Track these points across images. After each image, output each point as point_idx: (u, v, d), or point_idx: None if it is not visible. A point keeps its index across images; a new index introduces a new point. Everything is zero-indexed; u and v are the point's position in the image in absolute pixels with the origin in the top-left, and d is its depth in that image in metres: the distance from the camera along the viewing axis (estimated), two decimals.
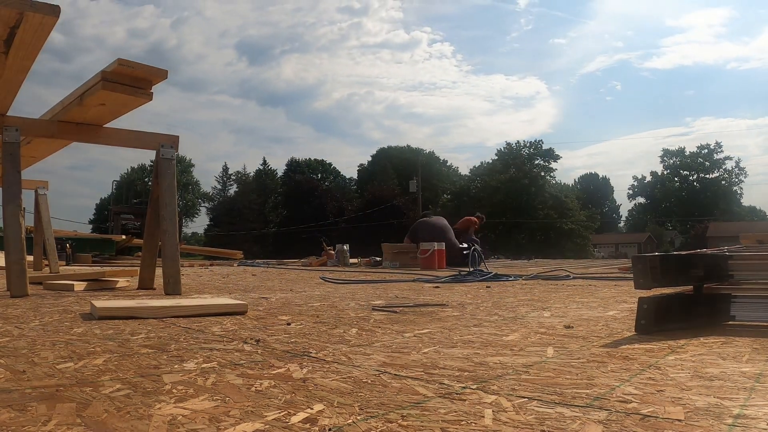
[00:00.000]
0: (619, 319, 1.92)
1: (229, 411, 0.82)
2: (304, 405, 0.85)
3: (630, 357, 1.24)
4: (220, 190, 57.47)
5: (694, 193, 65.58)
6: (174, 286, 3.08)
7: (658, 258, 1.60)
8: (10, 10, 2.19)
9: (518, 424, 0.76)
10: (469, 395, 0.91)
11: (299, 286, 3.85)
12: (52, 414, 0.79)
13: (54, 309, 2.21)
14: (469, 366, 1.15)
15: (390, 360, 1.21)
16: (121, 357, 1.23)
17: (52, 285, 3.32)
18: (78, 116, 3.11)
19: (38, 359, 1.19)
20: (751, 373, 1.07)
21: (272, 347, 1.37)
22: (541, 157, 54.02)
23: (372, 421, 0.77)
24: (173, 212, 3.20)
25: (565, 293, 3.07)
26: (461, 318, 1.97)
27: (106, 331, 1.61)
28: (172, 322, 1.84)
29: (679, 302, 1.71)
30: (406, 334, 1.58)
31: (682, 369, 1.11)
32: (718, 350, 1.31)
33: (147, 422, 0.76)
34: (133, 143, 3.34)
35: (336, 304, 2.47)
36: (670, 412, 0.81)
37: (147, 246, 3.55)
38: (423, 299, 2.73)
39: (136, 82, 2.84)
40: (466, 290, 3.37)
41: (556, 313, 2.12)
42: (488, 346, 1.39)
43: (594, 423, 0.76)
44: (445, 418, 0.79)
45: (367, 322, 1.87)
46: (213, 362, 1.18)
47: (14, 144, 2.88)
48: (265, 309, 2.28)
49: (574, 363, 1.18)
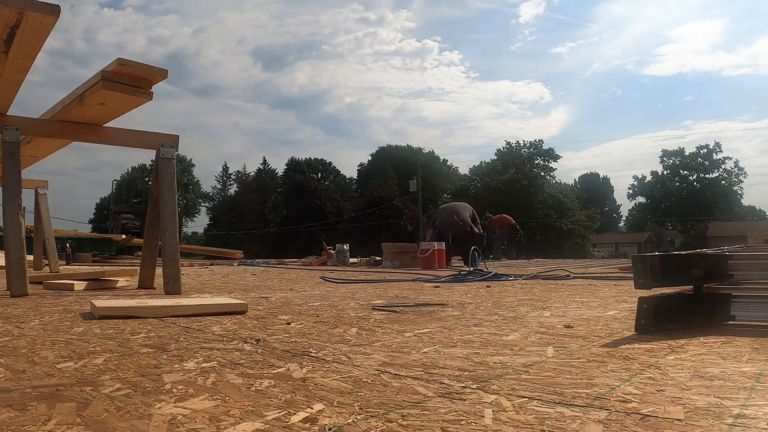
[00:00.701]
0: (619, 318, 1.92)
1: (229, 410, 0.82)
2: (304, 404, 0.85)
3: (630, 357, 1.24)
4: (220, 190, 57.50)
5: (694, 192, 65.58)
6: (174, 285, 3.08)
7: (658, 258, 1.60)
8: (10, 9, 2.19)
9: (518, 424, 0.76)
10: (469, 395, 0.91)
11: (299, 285, 3.85)
12: (52, 413, 0.79)
13: (54, 308, 2.21)
14: (469, 365, 1.15)
15: (390, 359, 1.21)
16: (121, 356, 1.23)
17: (52, 284, 3.32)
18: (78, 116, 3.11)
19: (38, 359, 1.19)
20: (751, 372, 1.07)
21: (272, 347, 1.37)
22: (541, 157, 54.03)
23: (372, 421, 0.77)
24: (173, 212, 3.20)
25: (565, 293, 3.07)
26: (461, 318, 1.97)
27: (106, 331, 1.61)
28: (172, 321, 1.84)
29: (679, 302, 1.71)
30: (406, 334, 1.58)
31: (682, 369, 1.11)
32: (718, 350, 1.31)
33: (147, 422, 0.76)
34: (134, 143, 3.34)
35: (336, 304, 2.47)
36: (670, 411, 0.81)
37: (147, 245, 3.55)
38: (423, 299, 2.73)
39: (136, 81, 2.84)
40: (466, 290, 3.37)
41: (556, 312, 2.12)
42: (488, 345, 1.39)
43: (594, 423, 0.76)
44: (445, 418, 0.79)
45: (367, 321, 1.87)
46: (213, 362, 1.18)
47: (14, 143, 2.88)
48: (265, 308, 2.28)
49: (574, 363, 1.18)
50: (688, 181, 67.59)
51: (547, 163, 54.12)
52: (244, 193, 52.05)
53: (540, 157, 54.00)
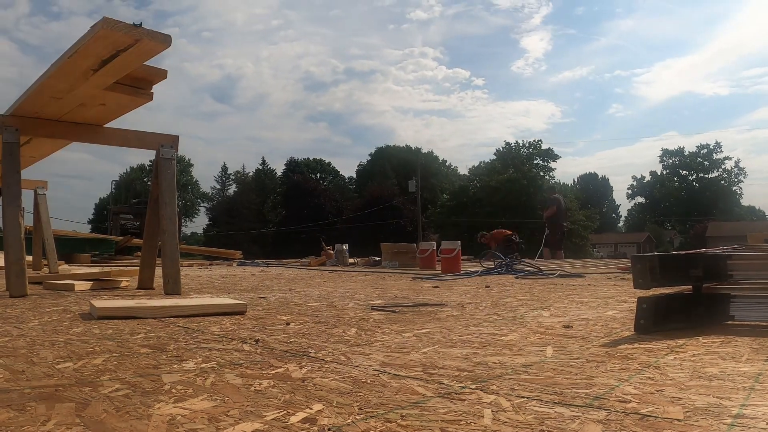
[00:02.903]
0: (618, 318, 1.92)
1: (228, 411, 0.82)
2: (304, 405, 0.85)
3: (629, 357, 1.24)
4: (219, 190, 57.48)
5: (693, 192, 65.56)
6: (173, 285, 3.07)
7: (657, 258, 1.60)
8: (128, 36, 2.19)
9: (517, 424, 0.76)
10: (469, 395, 0.91)
11: (298, 285, 3.85)
12: (52, 414, 0.79)
13: (53, 309, 2.21)
14: (468, 366, 1.15)
15: (389, 360, 1.21)
16: (121, 357, 1.23)
17: (52, 285, 3.32)
18: (78, 116, 3.11)
19: (37, 359, 1.19)
20: (750, 372, 1.07)
21: (271, 347, 1.37)
22: (540, 157, 54.01)
23: (371, 421, 0.77)
24: (173, 212, 3.19)
25: (564, 293, 3.07)
26: (460, 318, 1.97)
27: (105, 331, 1.61)
28: (171, 321, 1.84)
29: (679, 302, 1.71)
30: (406, 334, 1.58)
31: (682, 369, 1.11)
32: (718, 350, 1.31)
33: (146, 422, 0.76)
34: (134, 143, 3.33)
35: (335, 304, 2.47)
36: (670, 411, 0.81)
37: (146, 246, 3.55)
38: (422, 299, 2.73)
39: (136, 82, 2.84)
40: (465, 290, 3.37)
41: (555, 312, 2.12)
42: (487, 345, 1.39)
43: (593, 422, 0.76)
44: (444, 418, 0.79)
45: (366, 321, 1.87)
46: (212, 362, 1.18)
47: (14, 144, 2.88)
48: (264, 309, 2.28)
49: (574, 363, 1.18)
50: (687, 181, 67.55)
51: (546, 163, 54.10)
52: (243, 193, 52.05)
53: (539, 157, 53.98)
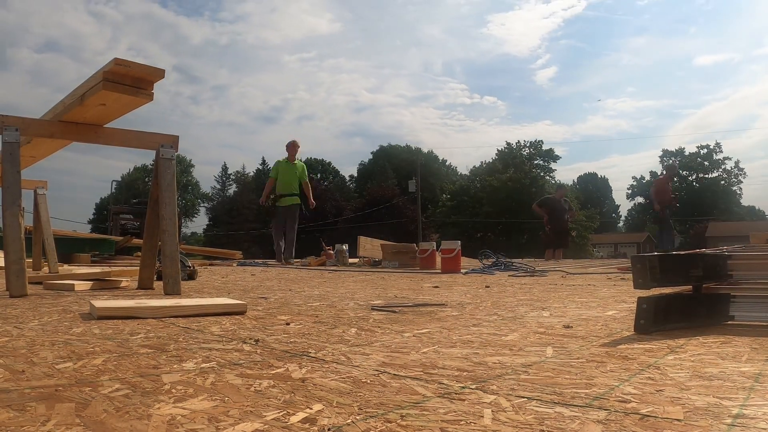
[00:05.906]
0: (618, 318, 1.92)
1: (228, 411, 0.82)
2: (304, 405, 0.85)
3: (629, 357, 1.24)
4: (220, 190, 57.51)
5: (693, 193, 65.48)
6: (173, 286, 3.07)
7: (657, 258, 1.60)
8: None
9: (517, 424, 0.76)
10: (468, 395, 0.91)
11: (298, 285, 3.85)
12: (51, 414, 0.79)
13: (53, 309, 2.21)
14: (468, 366, 1.15)
15: (389, 360, 1.21)
16: (120, 357, 1.23)
17: (52, 285, 3.32)
18: (78, 116, 3.11)
19: (37, 359, 1.19)
20: (751, 372, 1.07)
21: (271, 347, 1.37)
22: (541, 157, 54.03)
23: (371, 421, 0.77)
24: (173, 212, 3.19)
25: (564, 293, 3.07)
26: (460, 318, 1.97)
27: (105, 331, 1.61)
28: (171, 322, 1.84)
29: (679, 302, 1.71)
30: (406, 334, 1.58)
31: (682, 369, 1.11)
32: (718, 350, 1.31)
33: (146, 422, 0.76)
34: (134, 143, 3.33)
35: (335, 304, 2.47)
36: (670, 411, 0.81)
37: (146, 246, 3.54)
38: (422, 299, 2.73)
39: (136, 82, 2.84)
40: (465, 290, 3.37)
41: (555, 312, 2.12)
42: (487, 345, 1.39)
43: (593, 423, 0.76)
44: (444, 418, 0.79)
45: (366, 321, 1.87)
46: (212, 362, 1.18)
47: (14, 144, 2.88)
48: (264, 309, 2.28)
49: (574, 363, 1.18)
50: (687, 181, 67.52)
51: (546, 164, 54.12)
52: (243, 193, 52.06)
53: (540, 158, 54.01)
